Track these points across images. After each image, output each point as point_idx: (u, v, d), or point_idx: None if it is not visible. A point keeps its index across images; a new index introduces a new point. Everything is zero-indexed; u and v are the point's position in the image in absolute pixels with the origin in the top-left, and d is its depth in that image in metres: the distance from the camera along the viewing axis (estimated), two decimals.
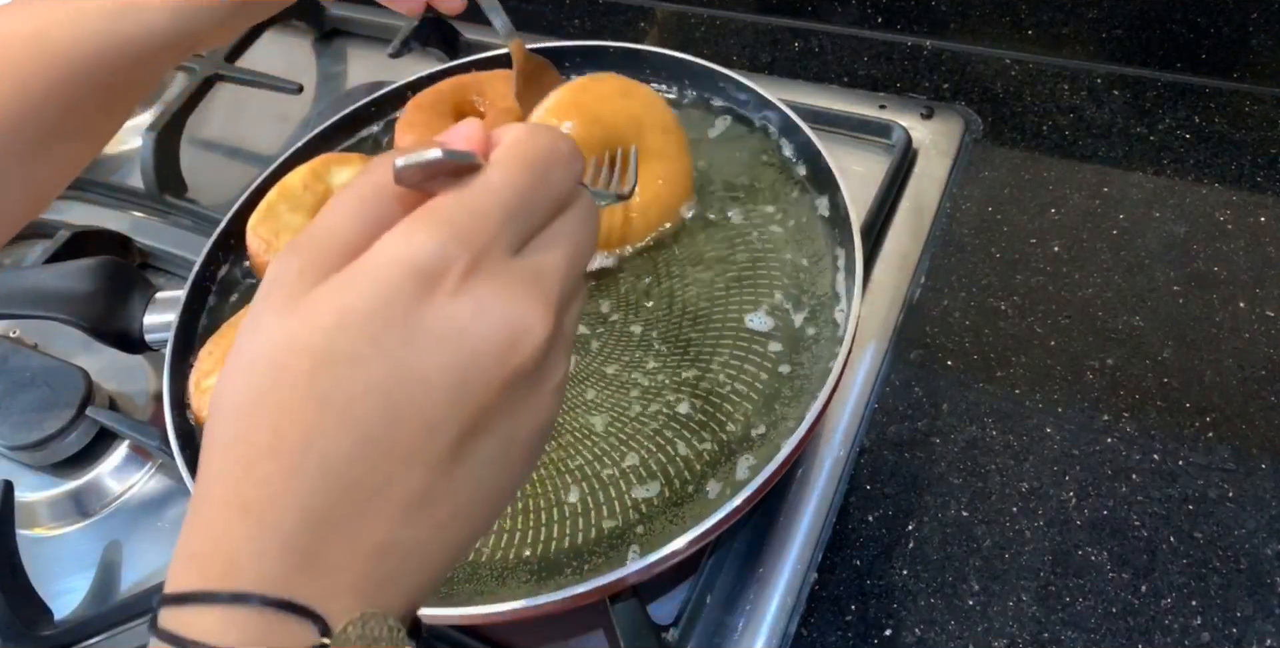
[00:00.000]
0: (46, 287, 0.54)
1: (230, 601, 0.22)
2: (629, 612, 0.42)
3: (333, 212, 0.26)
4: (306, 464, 0.23)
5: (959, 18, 0.66)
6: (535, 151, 0.26)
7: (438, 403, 0.24)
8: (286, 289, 0.24)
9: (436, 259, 0.24)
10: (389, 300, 0.23)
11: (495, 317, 0.24)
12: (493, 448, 0.25)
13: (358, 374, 0.23)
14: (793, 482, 0.49)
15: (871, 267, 0.56)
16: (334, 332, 0.23)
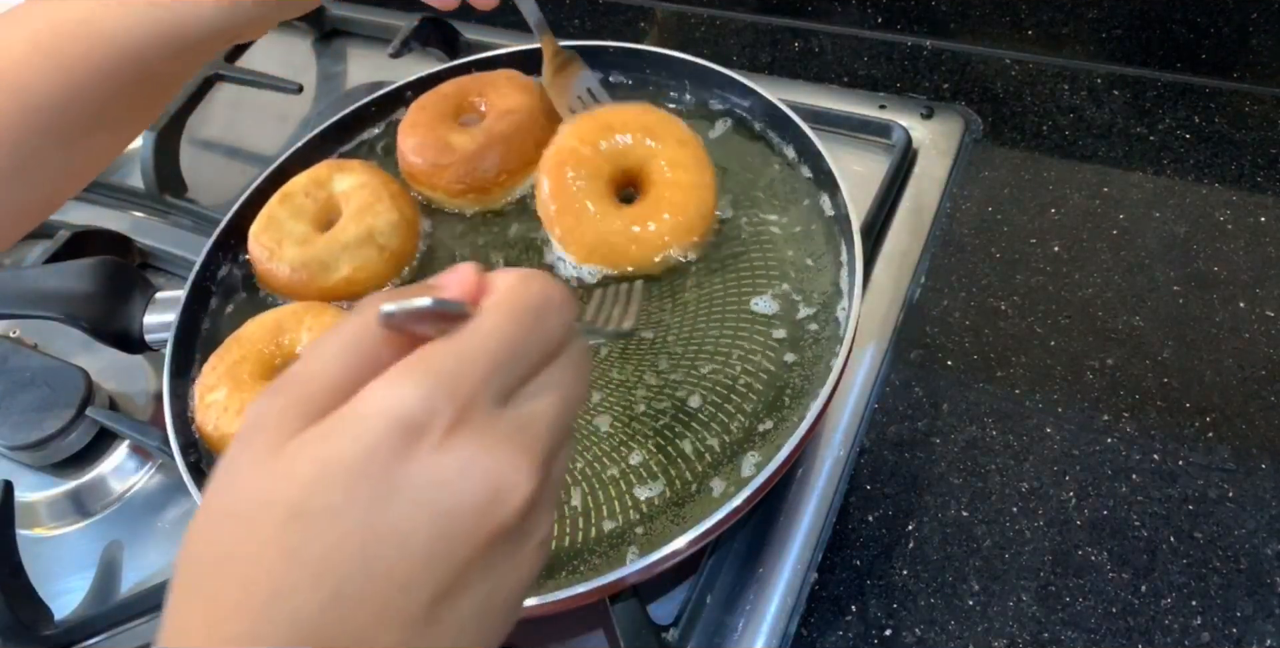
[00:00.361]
0: (46, 287, 0.54)
1: None
2: (629, 612, 0.42)
3: (316, 353, 0.25)
4: (275, 622, 0.22)
5: (959, 18, 0.66)
6: (527, 300, 0.26)
7: (415, 561, 0.23)
8: (266, 435, 0.24)
9: (421, 412, 0.23)
10: (370, 454, 0.23)
11: (479, 473, 0.23)
12: (470, 607, 0.24)
13: (333, 529, 0.23)
14: (793, 482, 0.49)
15: (872, 266, 0.56)
16: (311, 485, 0.23)
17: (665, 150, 0.49)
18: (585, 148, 0.49)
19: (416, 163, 0.54)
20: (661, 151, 0.49)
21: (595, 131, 0.50)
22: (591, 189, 0.49)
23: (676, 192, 0.49)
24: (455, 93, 0.56)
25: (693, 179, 0.49)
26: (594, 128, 0.50)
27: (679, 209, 0.48)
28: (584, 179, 0.49)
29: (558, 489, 0.27)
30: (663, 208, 0.48)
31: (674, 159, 0.49)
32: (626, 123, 0.50)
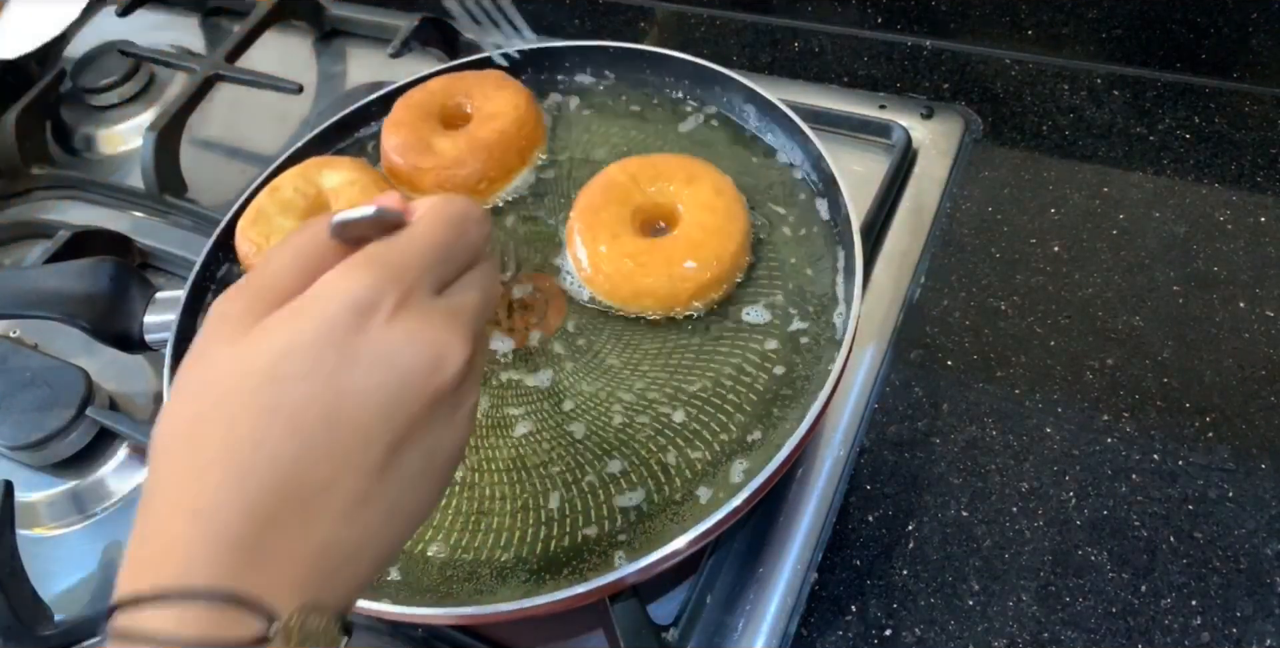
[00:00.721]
0: (46, 287, 0.54)
1: (184, 598, 0.24)
2: (629, 612, 0.42)
3: (271, 262, 0.29)
4: (254, 469, 0.26)
5: (959, 18, 0.66)
6: (452, 212, 0.31)
7: (373, 415, 0.27)
8: (232, 325, 0.28)
9: (372, 294, 0.28)
10: (330, 328, 0.27)
11: (422, 343, 0.28)
12: (417, 460, 0.29)
13: (302, 389, 0.27)
14: (793, 482, 0.49)
15: (871, 267, 0.56)
16: (280, 355, 0.27)
17: (698, 195, 0.49)
18: (622, 177, 0.50)
19: (398, 162, 0.54)
20: (692, 197, 0.49)
21: (640, 167, 0.50)
22: (619, 217, 0.49)
23: (705, 248, 0.47)
24: (442, 91, 0.56)
25: (721, 248, 0.47)
26: (641, 166, 0.50)
27: (705, 263, 0.47)
28: (616, 205, 0.49)
29: (479, 375, 0.32)
30: (686, 256, 0.47)
31: (706, 202, 0.48)
32: (670, 166, 0.50)
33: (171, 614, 0.24)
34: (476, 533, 0.43)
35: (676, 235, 0.48)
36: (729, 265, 0.47)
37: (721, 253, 0.47)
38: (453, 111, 0.56)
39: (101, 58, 0.80)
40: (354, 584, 0.28)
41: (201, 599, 0.24)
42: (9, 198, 0.76)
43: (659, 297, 0.47)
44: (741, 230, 0.48)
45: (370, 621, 0.48)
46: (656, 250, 0.47)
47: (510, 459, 0.45)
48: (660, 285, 0.47)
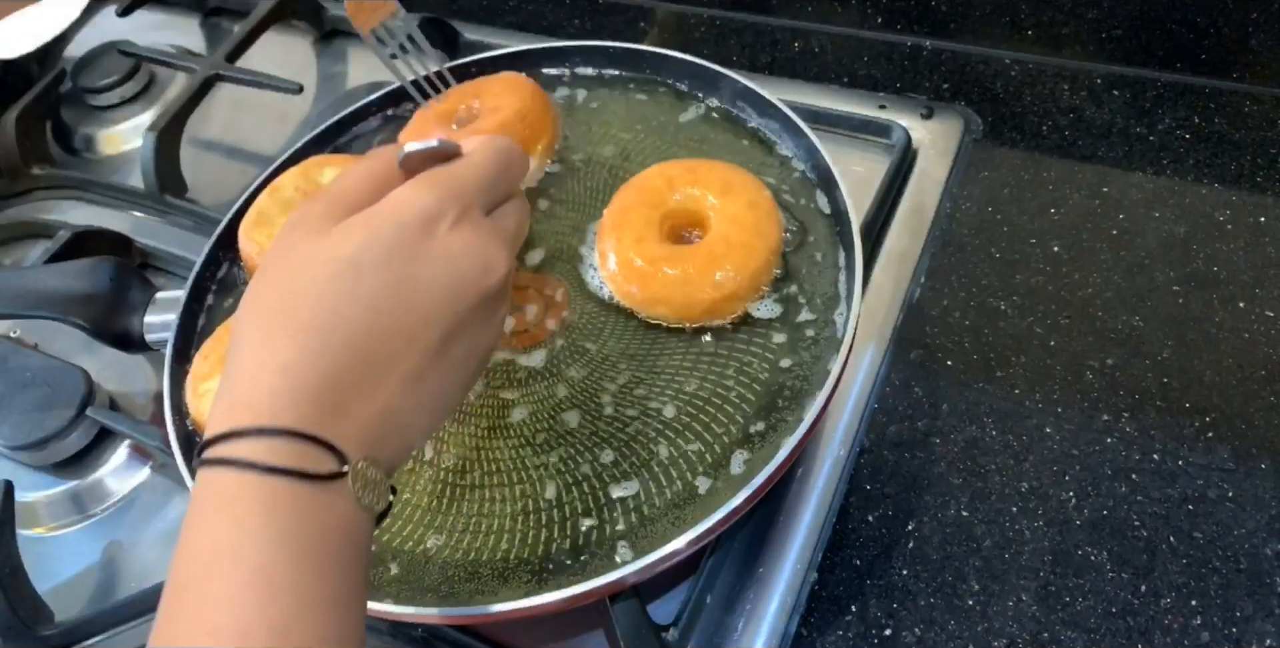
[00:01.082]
0: (47, 287, 0.54)
1: (274, 433, 0.29)
2: (629, 612, 0.42)
3: (346, 178, 0.35)
4: (336, 337, 0.30)
5: (959, 18, 0.66)
6: (500, 147, 0.37)
7: (435, 304, 0.32)
8: (313, 224, 0.33)
9: (437, 207, 0.33)
10: (405, 229, 0.32)
11: (476, 251, 0.34)
12: (462, 350, 0.34)
13: (381, 276, 0.31)
14: (793, 482, 0.49)
15: (871, 267, 0.56)
16: (361, 248, 0.32)
17: (730, 207, 0.47)
18: (659, 180, 0.49)
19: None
20: (724, 208, 0.47)
21: (679, 171, 0.49)
22: (647, 219, 0.48)
23: (729, 259, 0.46)
24: (455, 97, 0.56)
25: (747, 258, 0.46)
26: (681, 170, 0.49)
27: (733, 272, 0.46)
28: (647, 207, 0.48)
29: (510, 289, 0.37)
30: (706, 268, 0.46)
31: (736, 215, 0.47)
32: (709, 173, 0.49)
33: (260, 446, 0.28)
34: (478, 534, 0.43)
35: (699, 246, 0.47)
36: (747, 282, 0.46)
37: (742, 268, 0.46)
38: (464, 115, 0.56)
39: (101, 58, 0.80)
40: (402, 448, 0.33)
41: (287, 436, 0.29)
42: (9, 198, 0.76)
43: (673, 306, 0.46)
44: (768, 247, 0.47)
45: (370, 620, 0.48)
46: (677, 258, 0.46)
47: (511, 459, 0.45)
48: (674, 294, 0.46)
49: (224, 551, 0.27)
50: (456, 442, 0.46)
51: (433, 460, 0.46)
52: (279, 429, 0.29)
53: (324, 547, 0.29)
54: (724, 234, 0.47)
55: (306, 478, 0.28)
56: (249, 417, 0.29)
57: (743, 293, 0.46)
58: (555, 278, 0.51)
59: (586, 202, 0.53)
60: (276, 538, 0.28)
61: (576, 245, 0.51)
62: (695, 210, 0.48)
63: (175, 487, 0.57)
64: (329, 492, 0.29)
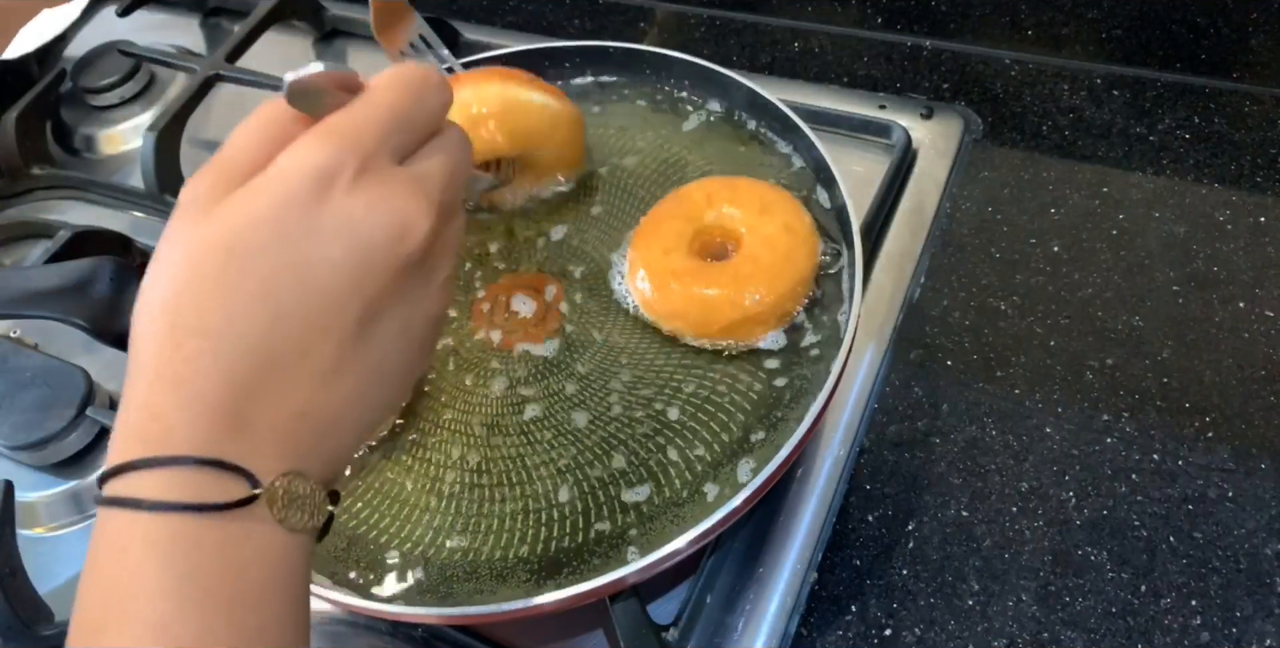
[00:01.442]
0: (47, 287, 0.54)
1: (169, 463, 0.25)
2: (629, 612, 0.42)
3: (235, 138, 0.29)
4: (229, 338, 0.26)
5: (959, 18, 0.66)
6: (409, 77, 0.30)
7: (342, 283, 0.28)
8: (199, 204, 0.28)
9: (330, 163, 0.28)
10: (291, 199, 0.27)
11: (384, 210, 0.28)
12: (392, 329, 0.29)
13: (269, 260, 0.27)
14: (793, 482, 0.49)
15: (871, 267, 0.56)
16: (244, 229, 0.27)
17: (766, 227, 0.46)
18: (699, 194, 0.48)
19: None
20: (761, 227, 0.46)
21: (718, 188, 0.48)
22: (679, 232, 0.47)
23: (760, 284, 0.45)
24: None
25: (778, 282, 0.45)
26: (721, 186, 0.48)
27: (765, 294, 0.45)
28: (682, 220, 0.47)
29: (454, 247, 0.32)
30: (730, 288, 0.45)
31: (768, 237, 0.46)
32: (748, 192, 0.48)
33: (157, 480, 0.25)
34: (477, 533, 0.43)
35: (726, 265, 0.46)
36: (770, 307, 0.45)
37: (767, 292, 0.44)
38: None
39: (101, 58, 0.80)
40: (338, 452, 0.29)
41: (185, 465, 0.25)
42: (9, 198, 0.76)
43: (690, 321, 0.45)
44: (796, 274, 0.45)
45: (370, 621, 0.48)
46: (702, 274, 0.45)
47: (510, 459, 0.45)
48: (692, 310, 0.45)
49: (114, 605, 0.25)
50: (454, 440, 0.46)
51: (430, 459, 0.46)
52: (174, 457, 0.25)
53: (239, 585, 0.25)
54: (753, 255, 0.45)
55: (209, 511, 0.25)
56: (140, 446, 0.26)
57: (764, 318, 0.45)
58: (549, 275, 0.50)
59: (626, 209, 0.53)
60: (174, 586, 0.25)
61: (609, 252, 0.51)
62: (730, 228, 0.47)
63: None
64: (241, 520, 0.26)
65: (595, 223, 0.52)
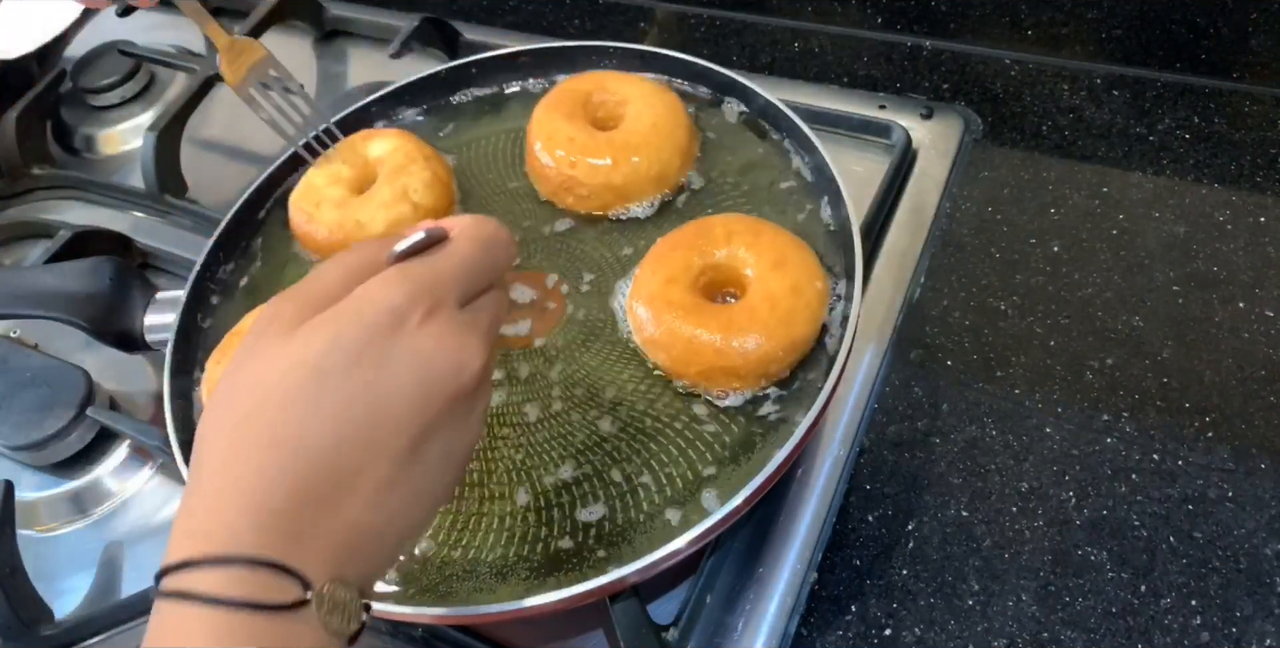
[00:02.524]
0: (47, 287, 0.54)
1: (230, 563, 0.27)
2: (629, 612, 0.42)
3: (322, 272, 0.32)
4: (299, 453, 0.28)
5: (959, 18, 0.66)
6: (486, 235, 0.34)
7: (404, 408, 0.30)
8: (281, 325, 0.30)
9: (407, 302, 0.31)
10: (370, 329, 0.30)
11: (449, 348, 0.31)
12: (437, 452, 0.32)
13: (346, 385, 0.29)
14: (793, 482, 0.49)
15: (871, 267, 0.56)
16: (325, 352, 0.29)
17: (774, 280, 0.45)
18: (720, 229, 0.47)
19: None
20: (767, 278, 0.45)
21: (744, 228, 0.47)
22: (685, 265, 0.46)
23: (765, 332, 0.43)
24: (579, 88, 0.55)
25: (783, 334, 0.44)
26: (745, 228, 0.47)
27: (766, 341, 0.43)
28: (694, 253, 0.46)
29: (491, 379, 0.35)
30: (717, 334, 0.43)
31: (772, 293, 0.44)
32: (773, 242, 0.46)
33: (218, 578, 0.27)
34: (477, 532, 0.43)
35: (723, 309, 0.45)
36: (753, 363, 0.43)
37: (753, 348, 0.43)
38: (599, 110, 0.55)
39: (101, 58, 0.80)
40: (378, 562, 0.31)
41: (246, 565, 0.27)
42: (9, 198, 0.76)
43: (671, 358, 0.45)
44: (788, 339, 0.43)
45: (370, 621, 0.48)
46: (696, 312, 0.44)
47: (510, 459, 0.45)
48: (674, 345, 0.44)
49: None
50: None
51: None
52: (238, 557, 0.27)
53: None
54: (751, 308, 0.44)
55: (266, 610, 0.27)
56: (206, 544, 0.27)
57: (742, 374, 0.44)
58: (547, 275, 0.50)
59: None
60: None
61: (615, 279, 0.50)
62: (739, 273, 0.46)
63: (175, 487, 0.57)
64: (291, 621, 0.27)
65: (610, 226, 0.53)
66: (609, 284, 0.50)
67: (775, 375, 0.45)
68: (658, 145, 0.51)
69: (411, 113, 0.61)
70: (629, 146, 0.51)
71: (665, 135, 0.51)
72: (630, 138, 0.51)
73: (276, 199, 0.58)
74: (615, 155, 0.51)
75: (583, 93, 0.54)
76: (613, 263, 0.51)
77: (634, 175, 0.51)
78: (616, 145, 0.51)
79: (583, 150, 0.51)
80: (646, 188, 0.52)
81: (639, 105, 0.52)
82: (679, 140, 0.52)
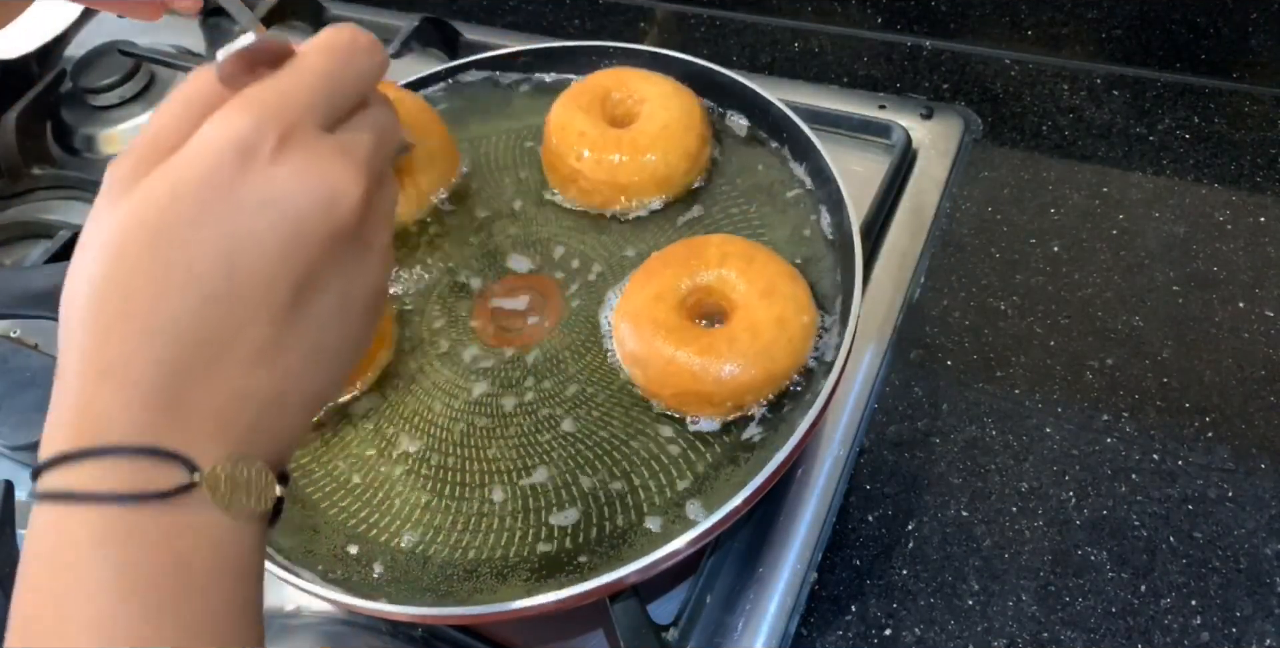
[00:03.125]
0: (47, 287, 0.54)
1: (103, 453, 0.24)
2: (629, 612, 0.42)
3: (160, 114, 0.28)
4: (157, 322, 0.25)
5: (959, 18, 0.66)
6: (337, 41, 0.30)
7: (271, 259, 0.27)
8: (122, 182, 0.27)
9: (252, 133, 0.26)
10: (213, 172, 0.26)
11: (312, 179, 0.27)
12: (330, 303, 0.28)
13: (195, 238, 0.26)
14: (793, 482, 0.49)
15: (871, 267, 0.56)
16: (167, 205, 0.26)
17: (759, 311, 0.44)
18: (714, 250, 0.46)
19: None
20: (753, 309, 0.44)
21: (740, 251, 0.46)
22: (673, 285, 0.45)
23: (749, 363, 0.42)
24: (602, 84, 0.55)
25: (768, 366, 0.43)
26: (740, 251, 0.46)
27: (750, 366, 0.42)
28: (685, 274, 0.45)
29: (387, 216, 0.31)
30: (697, 359, 0.42)
31: (754, 323, 0.43)
32: (765, 269, 0.45)
33: (92, 472, 0.24)
34: (477, 533, 0.43)
35: (705, 333, 0.43)
36: (725, 395, 0.42)
37: (730, 378, 0.42)
38: (617, 108, 0.55)
39: (102, 58, 0.80)
40: (284, 432, 0.28)
41: (120, 454, 0.25)
42: (9, 198, 0.76)
43: (647, 378, 0.44)
44: (767, 374, 0.42)
45: (370, 621, 0.48)
46: (677, 332, 0.43)
47: (509, 459, 0.45)
48: (651, 364, 0.43)
49: (51, 604, 0.24)
50: (453, 439, 0.46)
51: (427, 458, 0.46)
52: (108, 447, 0.24)
53: (182, 577, 0.25)
54: (733, 335, 0.43)
55: (147, 500, 0.24)
56: (72, 436, 0.25)
57: (717, 401, 0.43)
58: (552, 279, 0.51)
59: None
60: (113, 581, 0.24)
61: (606, 289, 0.50)
62: (727, 298, 0.45)
63: None
64: (180, 509, 0.25)
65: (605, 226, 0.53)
66: (600, 292, 0.50)
67: (749, 406, 0.44)
68: (665, 148, 0.51)
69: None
70: (636, 146, 0.51)
71: (674, 138, 0.51)
72: (639, 137, 0.51)
73: None
74: (623, 153, 0.51)
75: (603, 89, 0.54)
76: (609, 261, 0.51)
77: (639, 175, 0.51)
78: (624, 143, 0.51)
79: (591, 145, 0.51)
80: (649, 188, 0.51)
81: (654, 105, 0.52)
82: (688, 145, 0.51)
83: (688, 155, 0.51)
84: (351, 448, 0.47)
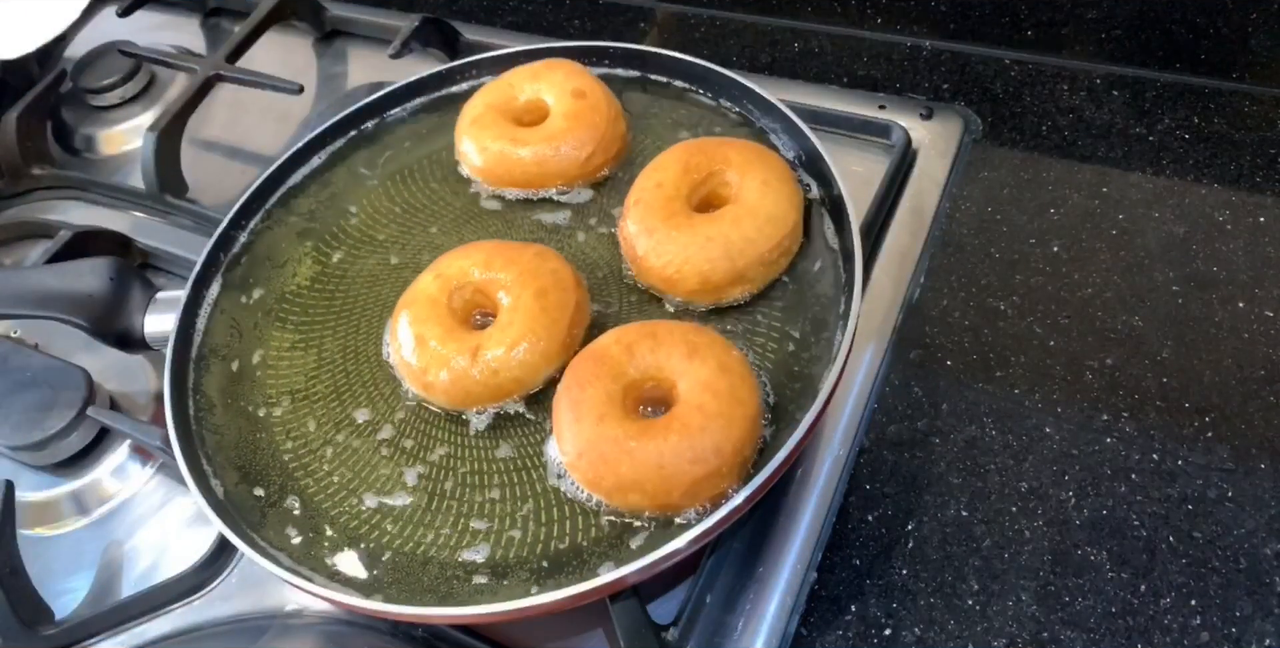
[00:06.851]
0: (47, 287, 0.54)
1: None
2: (629, 612, 0.42)
3: None
4: None
5: (959, 18, 0.67)
6: None
7: None
8: None
9: None
10: None
11: None
12: None
13: None
14: (793, 482, 0.49)
15: (871, 267, 0.56)
16: None
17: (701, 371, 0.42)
18: (616, 349, 0.43)
19: None
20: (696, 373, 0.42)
21: (638, 337, 0.43)
22: (609, 395, 0.42)
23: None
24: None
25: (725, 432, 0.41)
26: (639, 335, 0.43)
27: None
28: (608, 380, 0.42)
29: None
30: (662, 451, 0.40)
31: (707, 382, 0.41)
32: (672, 336, 0.43)
33: None
34: (477, 533, 0.43)
35: (668, 419, 0.41)
36: (731, 456, 0.40)
37: (724, 441, 0.40)
38: (526, 108, 0.58)
39: (102, 58, 0.80)
40: None
41: None
42: (9, 198, 0.76)
43: (648, 493, 0.41)
44: (746, 416, 0.41)
45: (370, 621, 0.48)
46: (648, 435, 0.41)
47: (508, 459, 0.45)
48: (648, 479, 0.40)
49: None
50: (452, 439, 0.46)
51: (427, 457, 0.46)
52: None
53: None
54: (698, 404, 0.41)
55: None
56: None
57: (727, 470, 0.40)
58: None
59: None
60: None
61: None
62: (661, 379, 0.43)
63: (175, 487, 0.58)
64: None
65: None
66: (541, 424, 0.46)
67: (754, 451, 0.42)
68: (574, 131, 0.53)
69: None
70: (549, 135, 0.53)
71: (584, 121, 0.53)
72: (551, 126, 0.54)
73: (277, 199, 0.58)
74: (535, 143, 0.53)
75: (506, 85, 0.57)
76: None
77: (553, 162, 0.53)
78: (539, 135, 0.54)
79: (508, 138, 0.54)
80: (572, 173, 0.54)
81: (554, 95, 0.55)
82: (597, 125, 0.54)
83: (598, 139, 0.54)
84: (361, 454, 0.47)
